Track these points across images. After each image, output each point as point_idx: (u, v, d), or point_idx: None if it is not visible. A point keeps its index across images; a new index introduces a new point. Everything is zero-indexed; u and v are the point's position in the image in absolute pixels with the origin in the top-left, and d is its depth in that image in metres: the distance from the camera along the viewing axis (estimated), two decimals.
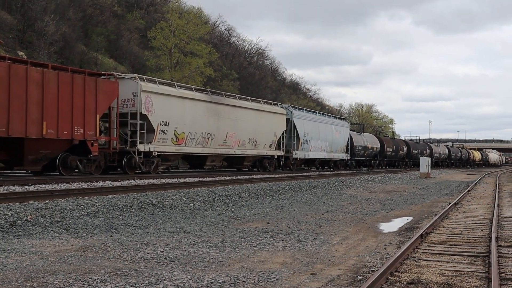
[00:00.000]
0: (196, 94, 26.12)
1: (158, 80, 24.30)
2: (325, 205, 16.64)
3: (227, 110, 28.06)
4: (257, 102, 31.65)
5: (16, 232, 9.50)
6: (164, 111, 23.52)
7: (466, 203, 17.95)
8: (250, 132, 29.90)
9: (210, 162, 27.84)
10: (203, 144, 26.33)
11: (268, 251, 8.65)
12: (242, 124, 29.17)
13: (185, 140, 24.97)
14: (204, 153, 26.71)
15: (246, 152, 29.88)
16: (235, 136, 28.66)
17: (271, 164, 32.68)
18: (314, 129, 37.32)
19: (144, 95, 22.34)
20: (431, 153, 66.38)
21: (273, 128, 32.10)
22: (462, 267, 7.56)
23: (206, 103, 26.52)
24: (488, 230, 11.24)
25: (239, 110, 29.20)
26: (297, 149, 34.91)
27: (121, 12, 54.88)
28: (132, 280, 6.41)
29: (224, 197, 16.21)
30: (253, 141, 30.25)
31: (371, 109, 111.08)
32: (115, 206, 12.54)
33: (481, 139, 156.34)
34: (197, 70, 45.94)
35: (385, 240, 10.15)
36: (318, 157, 38.77)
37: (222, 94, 28.90)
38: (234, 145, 28.63)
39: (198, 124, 25.73)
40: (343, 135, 43.26)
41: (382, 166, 53.76)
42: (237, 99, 29.76)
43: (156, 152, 23.21)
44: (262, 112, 31.34)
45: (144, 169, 22.74)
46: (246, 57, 77.81)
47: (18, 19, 38.26)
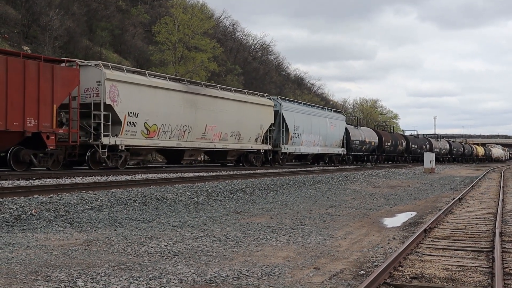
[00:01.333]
0: (170, 83, 24.44)
1: (126, 68, 22.64)
2: (329, 200, 16.64)
3: (206, 101, 26.32)
4: (241, 93, 30.02)
5: (20, 226, 9.54)
6: (132, 101, 21.86)
7: (470, 198, 17.93)
8: (233, 124, 28.15)
9: (188, 156, 26.43)
10: (178, 137, 24.62)
11: (272, 246, 8.66)
12: (224, 116, 27.41)
13: (157, 133, 23.34)
14: (180, 147, 25.03)
15: (229, 146, 28.15)
16: (216, 129, 26.92)
17: (258, 159, 30.93)
18: (306, 122, 35.67)
19: (108, 84, 20.66)
20: (431, 148, 64.66)
21: (259, 121, 30.34)
22: (465, 262, 7.56)
23: (182, 93, 24.81)
24: (492, 225, 11.23)
25: (220, 101, 27.42)
26: (286, 143, 33.19)
27: (126, 7, 54.84)
28: (135, 273, 6.43)
29: (228, 191, 16.23)
30: (236, 134, 28.51)
31: (376, 104, 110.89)
32: (119, 200, 12.58)
33: (486, 135, 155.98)
34: (202, 65, 45.90)
35: (388, 235, 10.15)
36: (311, 152, 37.26)
37: (201, 84, 27.32)
38: (214, 138, 26.90)
39: (172, 115, 24.04)
40: (339, 129, 41.57)
41: (380, 162, 51.93)
42: (218, 90, 27.96)
43: (123, 145, 21.56)
44: (247, 103, 29.53)
45: (110, 164, 21.19)
46: (251, 52, 77.73)
47: (22, 14, 38.29)
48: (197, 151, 26.92)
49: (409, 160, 60.01)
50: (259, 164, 30.82)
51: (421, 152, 62.05)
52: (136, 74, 22.99)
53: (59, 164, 19.44)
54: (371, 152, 49.47)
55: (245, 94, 30.06)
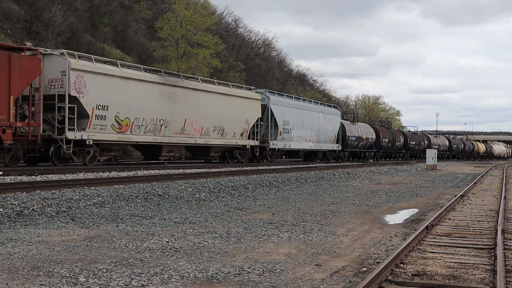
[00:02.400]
0: (145, 74, 22.83)
1: (95, 58, 21.08)
2: (331, 196, 16.63)
3: (186, 93, 24.78)
4: (225, 86, 28.42)
5: (22, 222, 9.55)
6: (101, 93, 20.42)
7: (472, 196, 17.90)
8: (215, 119, 26.62)
9: (167, 152, 24.87)
10: (154, 132, 23.13)
11: (273, 242, 8.66)
12: (206, 110, 25.89)
13: (130, 127, 21.83)
14: (157, 142, 23.56)
15: (211, 142, 26.67)
16: (196, 123, 25.39)
17: (244, 155, 29.43)
18: (297, 116, 34.16)
19: (74, 74, 19.26)
20: (429, 144, 63.30)
21: (245, 115, 28.78)
22: (467, 259, 7.55)
23: (158, 85, 23.28)
24: (494, 222, 11.21)
25: (201, 94, 25.86)
26: (275, 139, 31.59)
27: (128, 3, 54.81)
28: (137, 270, 6.43)
29: (230, 188, 16.23)
30: (219, 129, 26.99)
31: (378, 101, 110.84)
32: (121, 196, 12.59)
33: (488, 131, 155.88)
34: (204, 61, 45.87)
35: (390, 231, 10.15)
36: (302, 148, 35.69)
37: (179, 75, 25.60)
38: (195, 133, 25.43)
39: (147, 109, 22.58)
40: (333, 124, 39.84)
41: (378, 158, 50.30)
42: (199, 82, 26.37)
43: (91, 140, 20.11)
44: (231, 96, 27.95)
45: (76, 160, 19.88)
46: (253, 48, 77.67)
47: (25, 10, 38.31)
48: (176, 146, 25.54)
49: (407, 157, 58.79)
50: (245, 160, 29.51)
51: (419, 148, 61.04)
52: (108, 64, 21.61)
53: (18, 160, 18.21)
54: (368, 149, 48.06)
55: (230, 87, 28.62)
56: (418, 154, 61.85)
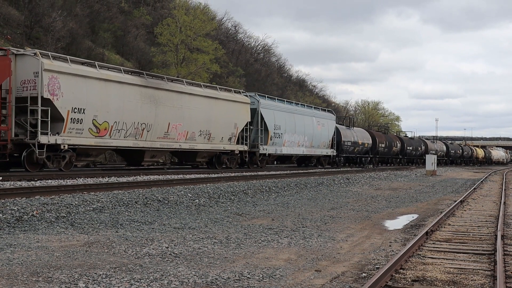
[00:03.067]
0: (125, 76, 21.76)
1: (71, 58, 20.04)
2: (331, 202, 16.63)
3: (170, 96, 23.74)
4: (212, 89, 27.45)
5: (22, 227, 9.54)
6: (77, 95, 19.44)
7: (472, 201, 17.90)
8: (201, 123, 25.58)
9: (150, 157, 23.77)
10: (135, 136, 22.07)
11: (273, 248, 8.66)
12: (191, 114, 24.90)
13: (109, 131, 20.84)
14: (138, 147, 22.41)
15: (197, 147, 25.59)
16: (181, 128, 24.36)
17: (232, 161, 28.37)
18: (288, 121, 33.12)
19: (47, 75, 18.32)
20: (426, 149, 62.39)
21: (233, 119, 27.74)
22: (467, 265, 7.55)
23: (140, 87, 22.21)
24: (494, 228, 11.21)
25: (187, 97, 24.77)
26: (265, 144, 30.46)
27: (128, 8, 54.92)
28: (137, 275, 6.42)
29: (230, 193, 16.23)
30: (206, 133, 25.95)
31: (378, 106, 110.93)
32: (121, 201, 12.58)
33: (488, 137, 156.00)
34: (204, 67, 45.91)
35: (390, 237, 10.14)
36: (295, 153, 34.47)
37: (163, 78, 24.52)
38: (179, 138, 24.39)
39: (127, 112, 21.52)
40: (328, 129, 38.81)
41: (374, 164, 49.22)
42: (185, 85, 25.26)
43: (66, 145, 19.07)
44: (218, 100, 26.89)
45: (50, 165, 18.82)
46: (253, 54, 77.76)
47: (25, 15, 38.35)
48: (160, 151, 24.40)
49: (404, 162, 57.82)
50: (234, 166, 28.48)
51: (417, 154, 60.26)
52: (85, 65, 20.51)
53: None
54: (364, 154, 46.94)
55: (217, 90, 27.62)
56: (415, 160, 61.23)
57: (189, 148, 25.15)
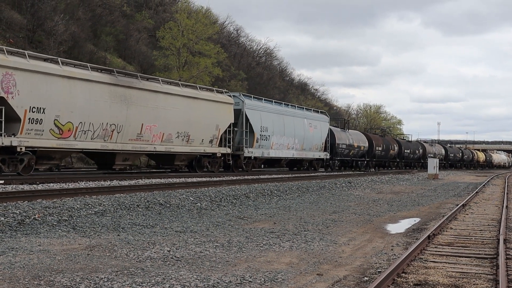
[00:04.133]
0: (92, 74, 20.28)
1: (29, 54, 18.64)
2: (332, 205, 16.61)
3: (143, 96, 22.29)
4: (191, 88, 25.92)
5: (24, 231, 9.54)
6: (36, 93, 18.08)
7: (474, 205, 17.88)
8: (179, 124, 24.17)
9: (122, 161, 22.26)
10: (104, 138, 20.63)
11: (275, 251, 8.65)
12: (168, 114, 23.44)
13: (73, 132, 19.40)
14: (107, 149, 20.97)
15: (174, 149, 24.13)
16: (156, 129, 22.91)
17: (214, 164, 26.90)
18: (277, 122, 31.55)
19: (1, 72, 17.02)
20: (424, 153, 61.29)
21: (214, 120, 26.26)
22: (469, 269, 7.53)
23: (109, 85, 20.76)
24: (496, 232, 11.19)
25: (162, 96, 23.32)
26: (251, 146, 28.87)
27: (130, 12, 54.98)
28: (138, 279, 6.42)
29: (231, 197, 16.22)
30: (184, 135, 24.52)
31: (379, 110, 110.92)
32: (122, 205, 12.58)
33: (490, 141, 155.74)
34: (205, 70, 45.97)
35: (392, 241, 10.12)
36: (284, 156, 33.00)
37: (136, 76, 22.83)
38: (155, 140, 22.93)
39: (94, 112, 20.09)
40: (321, 131, 37.19)
41: (370, 168, 47.53)
42: (160, 83, 23.61)
43: (23, 147, 17.69)
44: (198, 100, 25.43)
45: (6, 169, 17.49)
46: (254, 57, 77.84)
47: (28, 19, 38.43)
48: (133, 154, 22.87)
49: (401, 165, 56.36)
50: (216, 170, 26.98)
51: (414, 157, 59.13)
52: (48, 61, 19.13)
53: None
54: (361, 157, 45.40)
55: (197, 90, 26.08)
56: (413, 163, 60.24)
57: (165, 150, 23.76)
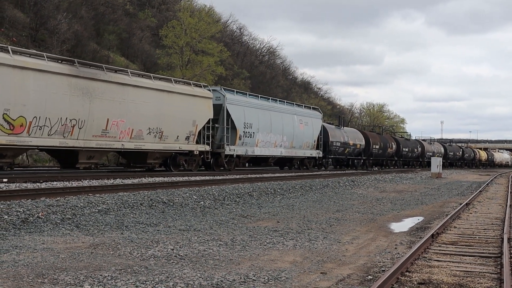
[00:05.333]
0: (49, 64, 18.55)
1: None
2: (336, 204, 16.60)
3: (109, 88, 20.50)
4: (165, 81, 24.19)
5: (27, 229, 9.55)
6: None
7: (477, 204, 17.84)
8: (151, 119, 22.44)
9: (86, 159, 20.43)
10: (64, 134, 18.84)
11: (278, 250, 8.64)
12: (137, 109, 21.72)
13: (27, 128, 17.80)
14: (67, 146, 19.13)
15: (145, 147, 22.32)
16: (124, 125, 21.12)
17: (191, 162, 25.37)
18: (263, 118, 29.91)
19: None
20: (423, 151, 60.24)
21: (191, 116, 24.57)
22: (473, 268, 7.51)
23: (68, 77, 18.99)
24: (500, 231, 11.16)
25: (131, 89, 21.51)
26: (233, 144, 27.35)
27: (133, 11, 55.03)
28: (142, 277, 6.42)
29: (235, 195, 16.22)
30: (157, 131, 22.81)
31: (383, 109, 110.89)
32: (126, 203, 12.59)
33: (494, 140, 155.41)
34: (209, 69, 46.00)
35: (395, 240, 10.11)
36: (271, 154, 31.17)
37: (102, 67, 20.95)
38: (122, 136, 21.17)
39: (52, 106, 18.44)
40: (312, 128, 35.47)
41: (367, 167, 46.04)
42: (129, 76, 21.73)
43: None
44: (173, 94, 23.71)
45: None
46: (257, 56, 77.84)
47: (31, 17, 38.48)
48: (98, 152, 20.96)
49: (399, 164, 54.98)
50: (194, 168, 25.46)
51: (413, 156, 57.92)
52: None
53: None
54: (357, 156, 43.94)
55: (171, 83, 24.26)
56: (411, 162, 59.10)
57: (135, 148, 21.98)
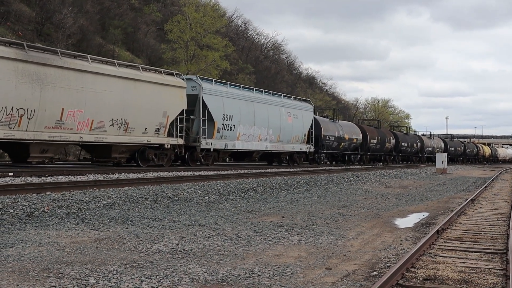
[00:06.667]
0: None
1: None
2: (340, 199, 16.58)
3: (64, 75, 18.47)
4: (132, 68, 22.05)
5: (33, 223, 9.58)
6: None
7: (483, 199, 17.80)
8: (114, 110, 20.44)
9: (39, 153, 18.64)
10: (10, 125, 17.05)
11: (283, 245, 8.64)
12: (98, 98, 19.71)
13: None
14: (14, 138, 17.23)
15: (108, 139, 20.29)
16: (82, 115, 19.12)
17: (162, 157, 23.39)
18: (245, 110, 28.02)
19: None
20: (422, 146, 58.26)
21: (161, 106, 22.59)
22: (479, 264, 7.50)
23: (15, 62, 17.11)
24: (505, 227, 11.14)
25: (91, 77, 19.48)
26: (211, 137, 25.50)
27: (138, 5, 55.01)
28: (147, 272, 6.43)
29: (239, 190, 16.22)
30: (121, 123, 20.77)
31: (387, 104, 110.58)
32: (131, 198, 12.60)
33: (499, 135, 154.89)
34: (213, 64, 45.99)
35: (401, 235, 10.09)
36: (254, 149, 29.19)
37: (56, 52, 18.88)
38: (81, 128, 19.18)
39: None
40: (302, 121, 33.44)
41: (365, 162, 44.28)
42: (89, 62, 19.65)
43: None
44: (140, 82, 21.63)
45: None
46: (262, 51, 77.75)
47: (36, 12, 38.51)
48: (52, 145, 18.97)
49: (398, 160, 52.87)
50: (166, 163, 23.55)
51: (412, 151, 56.07)
52: None
53: None
54: (353, 151, 42.03)
55: (139, 70, 22.07)
56: (410, 157, 57.17)
57: (96, 141, 19.94)
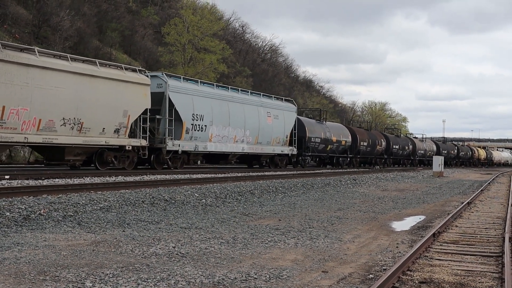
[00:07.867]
0: None
1: None
2: (337, 203, 16.59)
3: (6, 70, 17.11)
4: (88, 64, 20.35)
5: (29, 226, 9.57)
6: None
7: (479, 203, 17.83)
8: (66, 108, 19.03)
9: None
10: None
11: (280, 248, 8.64)
12: (46, 95, 18.32)
13: None
14: None
15: (59, 140, 18.84)
16: (28, 114, 17.78)
17: (123, 159, 21.82)
18: (217, 110, 26.44)
19: None
20: (414, 149, 57.16)
21: (121, 104, 21.06)
22: (475, 267, 7.51)
23: None
24: (501, 230, 11.16)
25: (38, 72, 18.03)
26: (178, 138, 23.97)
27: (136, 8, 55.07)
28: (144, 275, 6.43)
29: (236, 193, 16.22)
30: (75, 123, 19.38)
31: (385, 107, 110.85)
32: (128, 201, 12.59)
33: (496, 139, 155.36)
34: (211, 66, 46.03)
35: (397, 238, 10.11)
36: (229, 151, 27.53)
37: None
38: (26, 127, 17.79)
39: None
40: (283, 122, 31.90)
41: (355, 165, 43.27)
42: (36, 55, 18.12)
43: None
44: (97, 78, 20.14)
45: None
46: (260, 54, 77.83)
47: (33, 14, 38.51)
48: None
49: (389, 163, 51.56)
50: (128, 166, 22.00)
51: (403, 154, 54.93)
52: None
53: None
54: (342, 154, 40.55)
55: (96, 66, 20.41)
56: (402, 161, 56.05)
57: (44, 142, 18.48)
